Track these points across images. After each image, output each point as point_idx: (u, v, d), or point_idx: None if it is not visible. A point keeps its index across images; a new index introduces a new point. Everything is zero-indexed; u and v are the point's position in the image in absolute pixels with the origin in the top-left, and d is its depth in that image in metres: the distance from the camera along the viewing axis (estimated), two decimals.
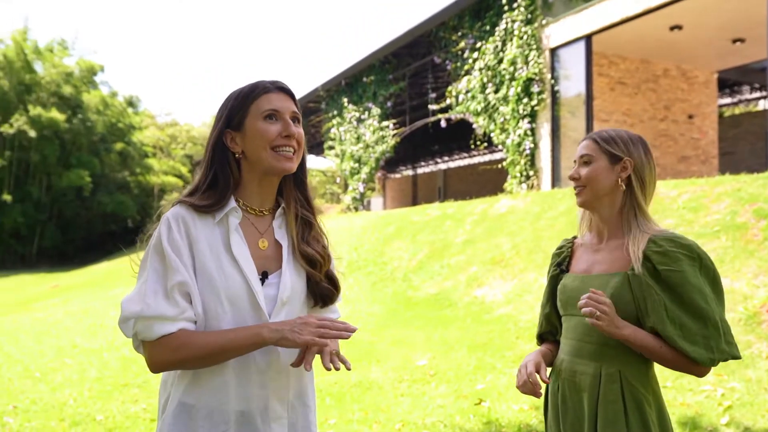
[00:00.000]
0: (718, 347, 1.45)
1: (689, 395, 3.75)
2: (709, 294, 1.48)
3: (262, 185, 1.42)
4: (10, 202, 29.61)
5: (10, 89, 30.16)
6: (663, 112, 13.41)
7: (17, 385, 5.68)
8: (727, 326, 1.48)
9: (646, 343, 1.49)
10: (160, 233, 1.31)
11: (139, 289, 1.29)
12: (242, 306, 1.32)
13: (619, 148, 1.62)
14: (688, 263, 1.48)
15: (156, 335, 1.26)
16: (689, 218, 6.48)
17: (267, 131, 1.36)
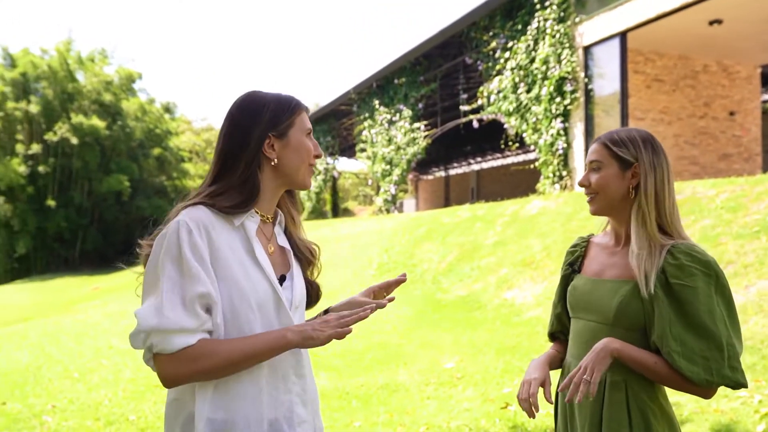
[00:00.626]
0: (718, 371, 1.37)
1: (724, 401, 3.62)
2: (719, 315, 1.40)
3: (276, 194, 1.43)
4: (54, 207, 30.60)
5: (54, 98, 31.20)
6: (703, 109, 13.04)
7: (57, 385, 5.86)
8: (735, 351, 1.39)
9: (638, 357, 1.44)
10: (180, 239, 1.24)
11: (154, 300, 1.23)
12: (269, 311, 1.32)
13: (629, 153, 1.54)
14: (703, 280, 1.41)
15: (175, 348, 1.21)
16: (727, 218, 6.27)
17: (309, 148, 1.41)
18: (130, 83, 35.14)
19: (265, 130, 1.35)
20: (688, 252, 1.44)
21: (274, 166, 1.37)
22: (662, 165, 1.53)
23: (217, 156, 1.38)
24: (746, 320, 4.74)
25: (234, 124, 1.37)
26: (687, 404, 3.64)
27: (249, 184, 1.34)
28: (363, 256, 11.58)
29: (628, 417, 1.48)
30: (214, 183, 1.36)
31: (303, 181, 1.42)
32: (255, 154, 1.35)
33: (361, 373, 5.28)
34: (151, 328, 1.20)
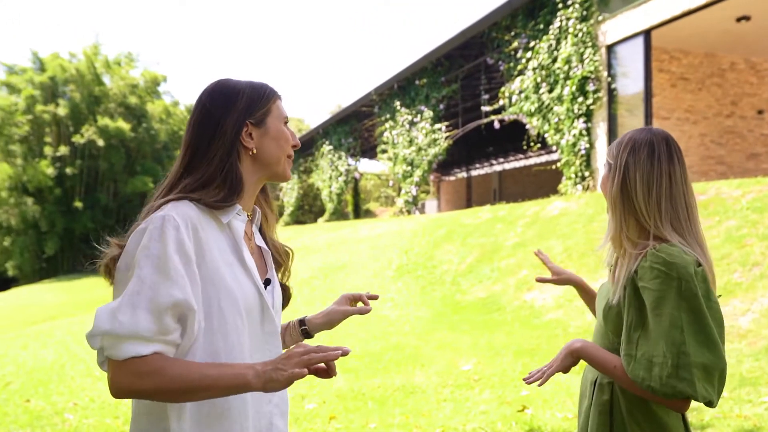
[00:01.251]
0: (664, 379, 1.29)
1: (747, 407, 3.52)
2: (675, 320, 1.30)
3: (256, 188, 1.34)
4: (81, 209, 31.23)
5: (81, 101, 31.88)
6: (730, 107, 12.78)
7: (79, 383, 5.95)
8: (687, 360, 1.28)
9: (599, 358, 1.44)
10: (164, 235, 1.11)
11: (116, 301, 1.10)
12: (254, 316, 1.24)
13: (611, 154, 1.52)
14: (663, 281, 1.32)
15: (123, 356, 1.08)
16: (753, 219, 6.12)
17: (288, 136, 1.33)
18: (155, 86, 35.73)
19: (241, 118, 1.26)
20: (658, 253, 1.36)
21: (253, 156, 1.28)
22: (641, 164, 1.45)
23: (186, 146, 1.27)
24: None
25: (206, 111, 1.27)
26: (709, 409, 3.55)
27: (231, 176, 1.24)
28: (382, 257, 11.56)
29: (610, 419, 1.47)
30: (186, 173, 1.25)
31: (284, 171, 1.34)
32: (232, 143, 1.25)
33: (378, 374, 5.26)
34: (102, 331, 1.08)
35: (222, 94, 1.28)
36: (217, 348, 1.17)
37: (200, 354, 1.16)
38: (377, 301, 8.85)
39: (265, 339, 1.27)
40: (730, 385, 3.93)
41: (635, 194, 1.44)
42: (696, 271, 1.34)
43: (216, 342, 1.17)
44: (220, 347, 1.17)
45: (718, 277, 5.60)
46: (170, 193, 1.22)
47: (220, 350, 1.17)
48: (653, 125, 11.10)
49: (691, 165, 12.09)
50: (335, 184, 24.56)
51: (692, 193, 1.48)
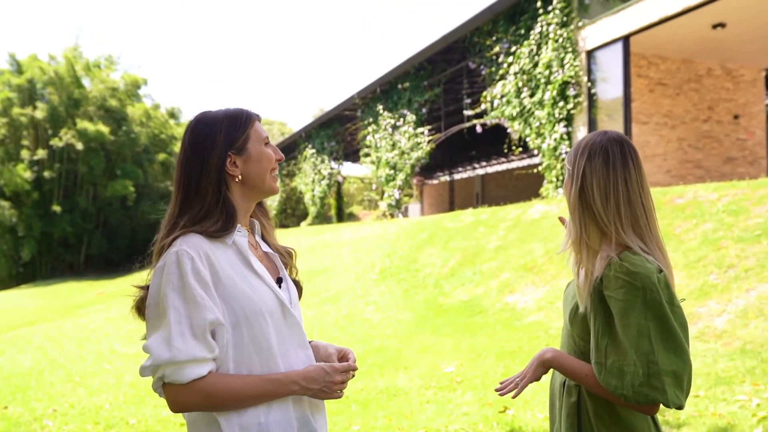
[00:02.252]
0: (635, 388, 1.33)
1: (722, 405, 3.60)
2: (642, 330, 1.33)
3: (248, 207, 1.46)
4: (59, 213, 30.77)
5: (59, 104, 31.42)
6: (707, 112, 13.01)
7: (58, 389, 5.88)
8: (656, 369, 1.31)
9: (570, 367, 1.47)
10: (182, 268, 1.26)
11: (163, 332, 1.25)
12: (277, 316, 1.37)
13: (569, 160, 1.53)
14: (629, 292, 1.34)
15: (188, 379, 1.24)
16: (729, 222, 6.25)
17: (271, 155, 1.44)
18: (135, 89, 35.38)
19: (223, 151, 1.38)
20: (622, 263, 1.37)
21: (239, 182, 1.40)
22: (597, 171, 1.45)
23: (177, 186, 1.40)
24: (746, 324, 4.72)
25: (189, 152, 1.39)
26: (685, 408, 3.62)
27: (225, 207, 1.36)
28: (365, 260, 11.58)
29: (578, 421, 1.50)
30: (183, 210, 1.37)
31: (270, 188, 1.45)
32: (219, 176, 1.37)
33: (361, 377, 5.28)
34: (164, 361, 1.23)
35: (201, 133, 1.39)
36: (249, 352, 1.32)
37: (232, 363, 1.31)
38: (360, 304, 8.88)
39: (289, 332, 1.40)
40: (705, 384, 4.01)
41: (593, 201, 1.45)
42: (659, 278, 1.36)
43: (247, 347, 1.32)
44: (251, 350, 1.32)
45: (694, 279, 5.71)
46: (174, 230, 1.35)
47: (251, 353, 1.32)
48: (632, 129, 11.27)
49: (670, 169, 12.29)
50: (318, 188, 24.53)
51: (649, 195, 1.49)
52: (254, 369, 1.32)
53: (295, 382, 1.32)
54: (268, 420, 1.32)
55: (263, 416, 1.32)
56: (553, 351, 1.51)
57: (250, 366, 1.32)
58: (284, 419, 1.34)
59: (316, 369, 1.36)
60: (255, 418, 1.31)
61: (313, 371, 1.35)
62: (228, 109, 1.44)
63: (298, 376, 1.33)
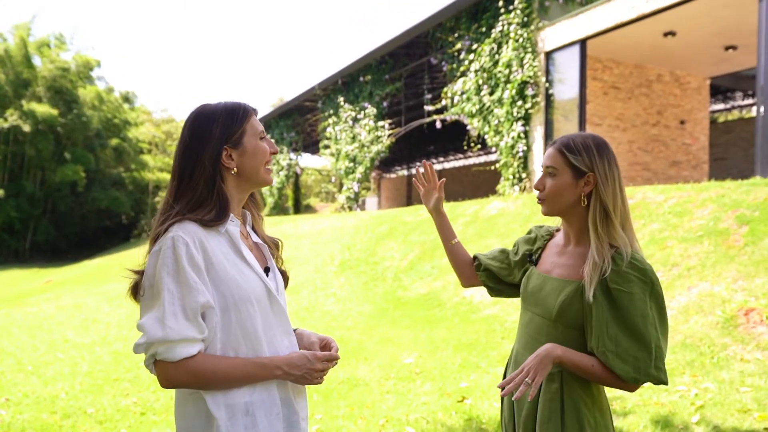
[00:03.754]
0: (645, 370, 1.50)
1: (664, 395, 3.85)
2: (651, 319, 1.51)
3: (242, 198, 1.54)
4: (4, 197, 29.56)
5: (6, 83, 30.11)
6: (655, 117, 13.54)
7: (9, 378, 5.74)
8: (661, 353, 1.52)
9: (578, 362, 1.55)
10: (178, 254, 1.33)
11: (157, 312, 1.32)
12: (263, 302, 1.45)
13: (584, 162, 1.60)
14: (639, 286, 1.51)
15: (178, 357, 1.32)
16: (674, 223, 6.59)
17: (265, 150, 1.51)
18: (87, 71, 34.22)
19: (219, 144, 1.45)
20: (629, 260, 1.53)
21: (234, 174, 1.48)
22: (615, 174, 1.61)
23: (173, 175, 1.47)
24: (687, 320, 5.02)
25: (187, 143, 1.46)
26: (631, 398, 3.86)
27: (219, 197, 1.44)
28: (325, 252, 11.64)
29: (561, 406, 1.60)
30: (177, 198, 1.44)
31: (264, 180, 1.53)
32: (213, 168, 1.44)
33: None
34: (157, 339, 1.30)
35: (199, 126, 1.46)
36: (236, 335, 1.40)
37: (219, 344, 1.39)
38: (321, 296, 8.94)
39: (275, 318, 1.48)
40: None
41: (613, 202, 1.58)
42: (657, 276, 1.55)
43: (234, 330, 1.40)
44: (238, 334, 1.40)
45: None
46: (170, 217, 1.42)
47: (238, 337, 1.40)
48: (587, 131, 11.64)
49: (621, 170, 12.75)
50: (276, 179, 24.35)
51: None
52: (240, 351, 1.40)
53: (278, 366, 1.41)
54: (252, 399, 1.40)
55: (248, 396, 1.40)
56: (562, 348, 1.55)
57: (237, 348, 1.40)
58: (269, 399, 1.42)
59: (299, 356, 1.44)
60: (240, 398, 1.39)
61: (297, 358, 1.43)
62: (227, 103, 1.51)
63: (282, 361, 1.41)
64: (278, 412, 1.44)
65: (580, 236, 1.66)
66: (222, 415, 1.37)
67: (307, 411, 1.56)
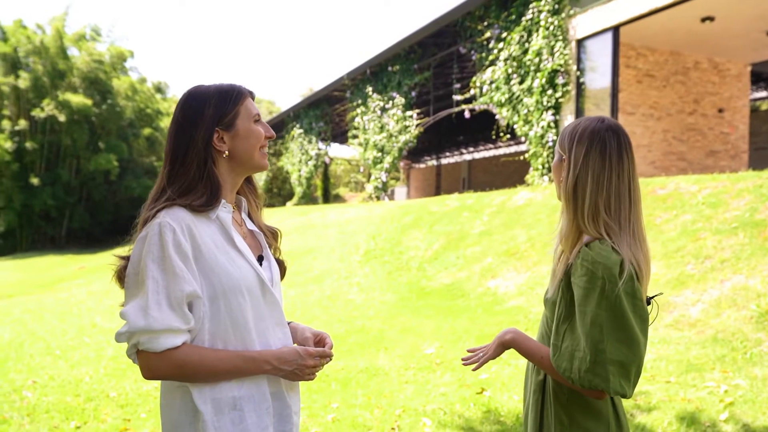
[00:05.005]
0: (580, 372, 1.38)
1: (692, 391, 3.71)
2: (595, 318, 1.36)
3: (236, 183, 1.48)
4: (41, 185, 30.33)
5: (44, 74, 30.82)
6: (692, 105, 13.13)
7: (38, 361, 5.87)
8: (603, 357, 1.35)
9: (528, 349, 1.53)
10: (163, 239, 1.28)
11: (140, 300, 1.27)
12: (255, 292, 1.39)
13: (563, 146, 1.53)
14: (588, 280, 1.38)
15: (161, 348, 1.26)
16: (708, 214, 6.36)
17: (260, 132, 1.45)
18: (121, 62, 34.81)
19: (210, 126, 1.39)
20: (588, 251, 1.40)
21: (226, 157, 1.42)
22: (591, 162, 1.46)
23: (166, 158, 1.42)
24: (719, 314, 4.84)
25: (179, 125, 1.40)
26: (656, 393, 3.73)
27: (210, 181, 1.38)
28: (350, 242, 11.62)
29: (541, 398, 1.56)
30: (170, 182, 1.39)
31: (258, 164, 1.46)
32: (205, 151, 1.38)
33: (343, 356, 5.34)
34: (139, 328, 1.25)
35: (191, 107, 1.41)
36: (225, 326, 1.34)
37: (207, 335, 1.33)
38: (344, 285, 8.93)
39: (268, 309, 1.42)
40: (677, 371, 4.12)
41: (584, 190, 1.46)
42: (621, 269, 1.37)
43: (223, 320, 1.34)
44: (227, 325, 1.34)
45: (672, 269, 5.82)
46: (159, 202, 1.36)
47: (227, 327, 1.34)
48: (618, 120, 11.35)
49: (654, 160, 12.42)
50: (305, 168, 24.43)
51: (638, 188, 1.52)
52: (229, 343, 1.34)
53: (268, 361, 1.35)
54: (241, 394, 1.34)
55: (236, 390, 1.34)
56: (514, 332, 1.56)
57: (225, 340, 1.34)
58: (258, 393, 1.37)
59: (290, 351, 1.38)
60: (228, 392, 1.33)
61: (287, 353, 1.37)
62: (221, 85, 1.45)
63: (272, 356, 1.36)
64: (268, 406, 1.38)
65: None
66: (208, 410, 1.32)
67: (299, 404, 1.51)
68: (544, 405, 1.55)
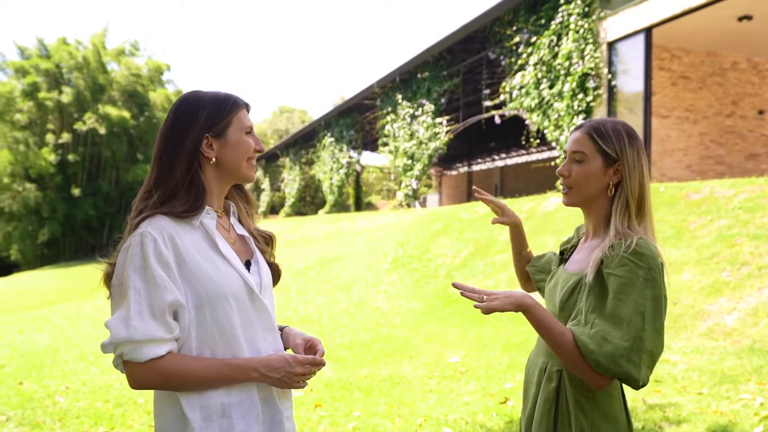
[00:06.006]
0: (613, 357, 1.33)
1: (725, 403, 3.56)
2: (639, 307, 1.35)
3: (222, 190, 1.48)
4: (82, 196, 31.31)
5: (85, 89, 31.87)
6: (730, 107, 12.75)
7: (72, 367, 6.02)
8: (641, 345, 1.33)
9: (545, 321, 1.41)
10: (144, 249, 1.28)
11: (123, 311, 1.27)
12: (242, 298, 1.38)
13: (614, 149, 1.50)
14: (631, 270, 1.37)
15: (145, 358, 1.27)
16: (744, 219, 6.14)
17: (249, 145, 1.45)
18: (158, 75, 35.71)
19: (201, 132, 1.39)
20: (627, 243, 1.40)
21: (213, 164, 1.41)
22: (643, 164, 1.51)
23: (154, 159, 1.41)
24: (756, 323, 4.65)
25: (170, 128, 1.40)
26: (686, 405, 3.60)
27: (194, 187, 1.38)
28: (378, 249, 11.61)
29: (554, 407, 1.49)
30: (156, 186, 1.38)
31: (245, 175, 1.46)
32: (193, 155, 1.38)
33: (366, 364, 5.32)
34: (121, 339, 1.26)
35: (184, 110, 1.41)
36: (211, 333, 1.34)
37: (194, 343, 1.33)
38: (371, 292, 8.92)
39: (257, 315, 1.40)
40: (710, 382, 3.97)
41: (631, 187, 1.48)
42: (660, 263, 1.39)
43: (209, 328, 1.34)
44: (213, 332, 1.34)
45: (706, 276, 5.63)
46: (143, 211, 1.37)
47: (214, 335, 1.34)
48: (652, 123, 11.08)
49: (690, 164, 12.08)
50: (336, 176, 24.56)
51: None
52: (217, 350, 1.34)
53: (255, 369, 1.34)
54: (230, 401, 1.34)
55: (225, 397, 1.34)
56: (534, 300, 1.45)
57: (213, 347, 1.34)
58: (247, 400, 1.36)
59: (278, 358, 1.36)
60: (217, 399, 1.33)
61: (276, 360, 1.36)
62: (217, 93, 1.46)
63: (260, 363, 1.35)
64: (257, 413, 1.37)
65: (597, 229, 1.56)
66: (196, 417, 1.31)
67: (292, 410, 1.49)
68: (559, 413, 1.49)
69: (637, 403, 3.74)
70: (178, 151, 1.38)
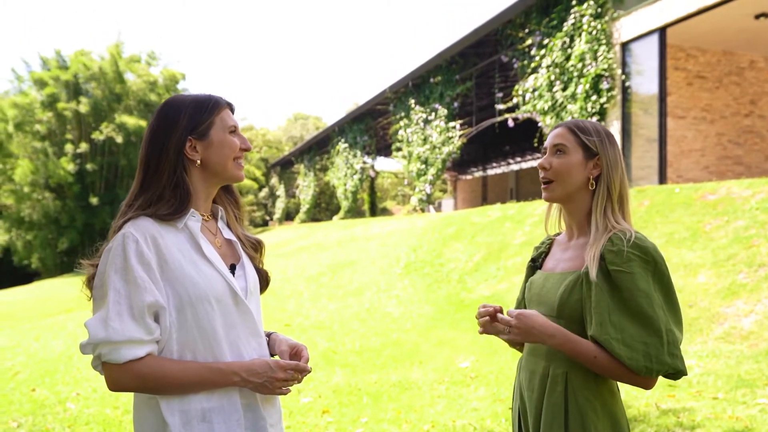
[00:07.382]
0: (658, 357, 1.34)
1: (741, 408, 3.46)
2: (657, 300, 1.37)
3: (209, 192, 1.47)
4: (100, 204, 31.71)
5: (102, 98, 32.33)
6: (748, 107, 12.53)
7: (84, 374, 6.05)
8: (674, 337, 1.36)
9: (581, 349, 1.39)
10: (126, 250, 1.28)
11: (102, 312, 1.27)
12: (227, 302, 1.36)
13: (595, 143, 1.53)
14: (639, 265, 1.38)
15: (123, 360, 1.25)
16: (762, 220, 6.00)
17: (234, 144, 1.44)
18: (173, 84, 36.08)
19: (183, 134, 1.38)
20: (627, 238, 1.41)
21: (199, 166, 1.41)
22: (620, 161, 1.54)
23: (139, 164, 1.41)
24: None
25: (152, 132, 1.40)
26: (701, 410, 3.50)
27: (180, 188, 1.38)
28: (391, 254, 11.57)
29: (564, 411, 1.45)
30: (142, 190, 1.39)
31: (232, 175, 1.45)
32: (177, 158, 1.38)
33: (376, 370, 5.27)
34: (99, 340, 1.24)
35: (166, 114, 1.41)
36: (193, 336, 1.32)
37: (176, 345, 1.31)
38: (383, 298, 8.87)
39: (240, 319, 1.38)
40: (726, 387, 3.86)
41: (613, 185, 1.50)
42: (661, 254, 1.40)
43: (191, 331, 1.32)
44: (195, 335, 1.32)
45: (722, 278, 5.50)
46: (129, 212, 1.37)
47: (195, 338, 1.32)
48: (668, 124, 10.93)
49: (708, 165, 11.88)
50: (350, 182, 24.58)
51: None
52: (198, 353, 1.32)
53: (236, 373, 1.32)
54: (210, 405, 1.32)
55: (205, 402, 1.32)
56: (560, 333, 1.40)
57: (194, 350, 1.32)
58: (228, 405, 1.34)
59: (260, 363, 1.34)
60: (197, 404, 1.31)
61: (257, 365, 1.34)
62: (198, 95, 1.45)
63: (241, 367, 1.32)
64: (239, 418, 1.35)
65: (581, 226, 1.56)
66: (176, 422, 1.29)
67: (278, 417, 1.46)
68: (570, 416, 1.44)
69: (651, 408, 3.65)
70: (162, 155, 1.38)
